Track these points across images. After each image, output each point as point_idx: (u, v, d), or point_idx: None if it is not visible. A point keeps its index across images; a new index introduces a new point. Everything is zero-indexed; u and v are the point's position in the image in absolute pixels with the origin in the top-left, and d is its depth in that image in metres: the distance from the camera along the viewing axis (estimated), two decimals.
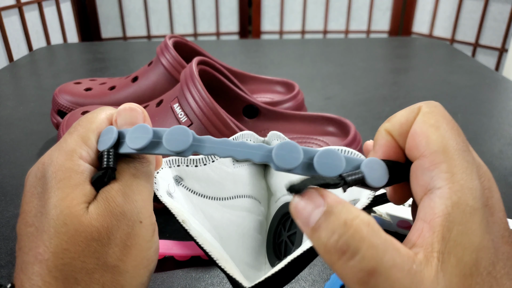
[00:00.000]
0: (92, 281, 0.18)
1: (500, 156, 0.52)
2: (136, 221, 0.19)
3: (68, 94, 0.52)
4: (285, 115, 0.49)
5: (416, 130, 0.18)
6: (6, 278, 0.33)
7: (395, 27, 2.11)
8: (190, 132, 0.19)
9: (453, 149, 0.16)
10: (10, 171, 0.48)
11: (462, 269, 0.15)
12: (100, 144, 0.21)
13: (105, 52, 1.02)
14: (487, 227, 0.16)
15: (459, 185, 0.16)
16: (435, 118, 0.18)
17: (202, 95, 0.38)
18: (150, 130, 0.20)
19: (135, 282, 0.19)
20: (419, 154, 0.17)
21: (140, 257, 0.20)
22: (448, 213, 0.15)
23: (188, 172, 0.28)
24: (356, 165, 0.18)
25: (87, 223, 0.18)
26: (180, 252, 0.33)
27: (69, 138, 0.20)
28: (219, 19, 2.07)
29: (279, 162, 0.18)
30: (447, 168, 0.16)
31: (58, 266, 0.18)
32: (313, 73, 0.86)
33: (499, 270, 0.15)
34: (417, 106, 0.19)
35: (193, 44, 0.57)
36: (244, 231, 0.30)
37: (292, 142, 0.18)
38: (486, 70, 0.88)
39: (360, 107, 0.68)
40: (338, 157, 0.18)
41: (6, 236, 0.37)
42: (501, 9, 1.70)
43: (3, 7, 1.26)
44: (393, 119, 0.19)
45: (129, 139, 0.20)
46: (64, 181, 0.19)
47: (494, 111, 0.67)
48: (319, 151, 0.18)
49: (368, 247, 0.14)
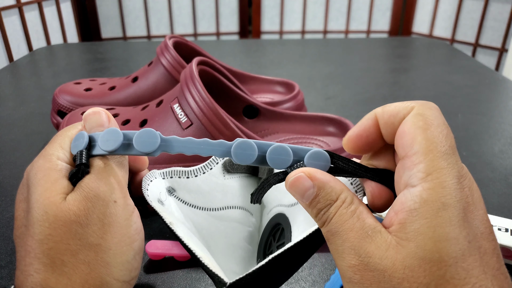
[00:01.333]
0: (78, 261, 0.20)
1: (500, 156, 0.52)
2: (110, 201, 0.21)
3: (68, 94, 0.52)
4: (285, 115, 0.49)
5: (404, 129, 0.19)
6: (6, 278, 0.33)
7: (395, 27, 2.11)
8: (157, 134, 0.21)
9: (435, 151, 0.18)
10: (10, 172, 0.48)
11: (422, 254, 0.16)
12: (73, 148, 0.23)
13: (105, 52, 1.02)
14: (462, 222, 0.17)
15: (432, 184, 0.17)
16: (424, 120, 0.18)
17: (202, 95, 0.38)
18: (120, 133, 0.22)
19: (119, 259, 0.21)
20: (404, 154, 0.19)
21: (120, 234, 0.21)
22: (415, 208, 0.17)
23: (180, 183, 0.29)
24: (302, 156, 0.21)
25: (65, 208, 0.20)
26: (180, 252, 0.33)
27: (48, 146, 0.23)
28: (219, 19, 2.07)
29: (237, 159, 0.21)
30: (424, 168, 0.17)
31: (44, 251, 0.19)
32: (313, 73, 0.86)
33: (471, 263, 0.16)
34: (411, 104, 0.19)
35: (193, 44, 0.57)
36: (233, 241, 0.30)
37: (247, 141, 0.21)
38: (486, 70, 0.88)
39: (360, 107, 0.68)
40: (287, 152, 0.21)
41: (6, 237, 0.37)
42: (501, 9, 1.70)
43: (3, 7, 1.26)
44: (386, 107, 0.20)
45: (101, 142, 0.22)
46: (44, 178, 0.21)
47: (494, 111, 0.67)
48: (270, 148, 0.21)
49: (336, 220, 0.19)
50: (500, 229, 0.34)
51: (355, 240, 0.18)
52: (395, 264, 0.16)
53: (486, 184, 0.46)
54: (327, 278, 0.33)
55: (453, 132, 0.19)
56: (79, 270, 0.20)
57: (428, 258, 0.16)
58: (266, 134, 0.49)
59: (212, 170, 0.31)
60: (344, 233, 0.18)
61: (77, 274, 0.20)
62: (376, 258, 0.17)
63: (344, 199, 0.19)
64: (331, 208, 0.19)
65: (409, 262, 0.16)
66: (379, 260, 0.17)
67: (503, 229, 0.34)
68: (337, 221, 0.19)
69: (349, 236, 0.18)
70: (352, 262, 0.18)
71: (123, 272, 0.21)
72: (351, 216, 0.18)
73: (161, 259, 0.34)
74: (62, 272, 0.19)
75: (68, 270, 0.19)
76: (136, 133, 0.21)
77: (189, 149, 0.21)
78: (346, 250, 0.18)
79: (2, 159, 0.50)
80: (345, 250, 0.18)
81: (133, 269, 0.22)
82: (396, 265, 0.16)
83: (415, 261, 0.16)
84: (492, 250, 0.17)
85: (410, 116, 0.19)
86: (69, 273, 0.19)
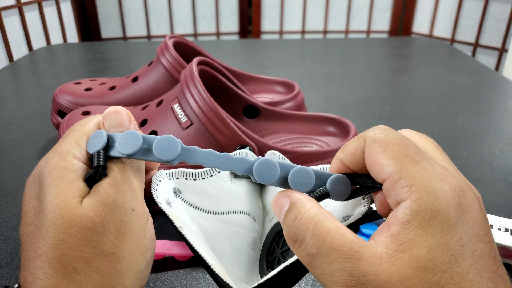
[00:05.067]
0: (90, 269, 0.19)
1: (500, 156, 0.52)
2: (128, 209, 0.21)
3: (68, 94, 0.52)
4: (285, 115, 0.49)
5: (369, 161, 0.20)
6: (6, 278, 0.33)
7: (395, 27, 2.11)
8: (178, 142, 0.21)
9: (405, 164, 0.18)
10: (10, 171, 0.48)
11: (417, 264, 0.16)
12: (89, 147, 0.22)
13: (105, 52, 1.02)
14: (454, 226, 0.17)
15: (419, 194, 0.17)
16: (379, 143, 0.19)
17: (202, 95, 0.38)
18: (140, 137, 0.21)
19: (132, 268, 0.20)
20: (382, 180, 0.19)
21: (135, 244, 0.21)
22: (408, 220, 0.17)
23: (187, 185, 0.28)
24: (324, 180, 0.21)
25: (81, 214, 0.19)
26: (180, 252, 0.33)
27: (63, 141, 0.22)
28: (219, 19, 2.07)
29: (258, 177, 0.21)
30: (405, 182, 0.18)
31: (57, 257, 0.19)
32: (313, 73, 0.86)
33: (466, 267, 0.16)
34: (362, 136, 0.20)
35: (193, 44, 0.57)
36: (238, 246, 0.30)
37: (270, 160, 0.20)
38: (486, 70, 0.88)
39: (360, 107, 0.68)
40: (309, 176, 0.20)
41: (6, 236, 0.37)
42: (501, 9, 1.70)
43: (3, 7, 1.26)
44: (345, 149, 0.21)
45: (119, 144, 0.21)
46: (59, 178, 0.20)
47: (494, 111, 0.67)
48: (293, 169, 0.20)
49: (311, 236, 0.18)
50: (500, 229, 0.34)
51: (343, 259, 0.17)
52: (391, 277, 0.16)
53: (486, 184, 0.46)
54: None
55: (453, 132, 0.19)
56: (91, 278, 0.19)
57: (423, 267, 0.16)
58: (266, 134, 0.49)
59: (220, 173, 0.30)
60: (327, 254, 0.17)
61: (88, 282, 0.19)
62: (371, 274, 0.16)
63: (316, 213, 0.19)
64: (302, 220, 0.18)
65: (405, 273, 0.16)
66: (375, 276, 0.16)
67: (503, 229, 0.34)
68: (314, 241, 0.18)
69: (335, 256, 0.17)
70: (348, 283, 0.17)
71: (134, 282, 0.21)
72: (329, 230, 0.18)
73: (161, 259, 0.34)
74: (74, 279, 0.19)
75: (79, 278, 0.19)
76: (156, 139, 0.21)
77: (209, 161, 0.21)
78: (336, 272, 0.17)
79: (2, 159, 0.50)
80: (335, 272, 0.17)
81: (143, 278, 0.22)
82: (392, 278, 0.16)
83: (410, 270, 0.16)
84: (488, 252, 0.17)
85: (367, 147, 0.20)
86: (81, 281, 0.19)
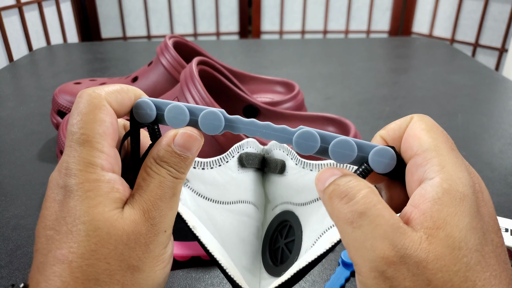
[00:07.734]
0: (113, 281, 0.19)
1: (500, 156, 0.52)
2: (162, 231, 0.21)
3: (68, 94, 0.52)
4: (285, 115, 0.49)
5: (409, 133, 0.20)
6: (6, 278, 0.33)
7: (395, 27, 2.11)
8: (221, 116, 0.21)
9: (442, 147, 0.19)
10: (10, 171, 0.48)
11: (451, 242, 0.16)
12: (140, 116, 0.22)
13: (105, 52, 1.02)
14: (477, 213, 0.17)
15: (449, 175, 0.18)
16: (426, 124, 0.20)
17: (202, 95, 0.38)
18: (187, 113, 0.22)
19: (151, 281, 0.20)
20: (413, 154, 0.19)
21: (157, 259, 0.21)
22: (439, 197, 0.17)
23: (195, 174, 0.29)
24: (367, 151, 0.20)
25: (120, 227, 0.19)
26: (180, 252, 0.33)
27: (85, 151, 0.20)
28: (219, 19, 2.07)
29: (298, 148, 0.21)
30: (438, 161, 0.18)
31: (82, 266, 0.18)
32: (313, 73, 0.86)
33: (488, 252, 0.17)
34: (409, 116, 0.21)
35: (193, 44, 0.57)
36: (244, 235, 0.30)
37: (311, 131, 0.20)
38: (486, 70, 0.88)
39: (360, 107, 0.68)
40: (351, 147, 0.20)
41: (6, 237, 0.37)
42: (501, 9, 1.70)
43: (3, 7, 1.26)
44: (388, 127, 0.21)
45: (167, 118, 0.22)
46: (93, 191, 0.19)
47: (494, 111, 0.67)
48: (334, 140, 0.20)
49: (363, 197, 0.18)
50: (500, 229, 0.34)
51: (390, 228, 0.17)
52: (429, 255, 0.16)
53: (486, 184, 0.46)
54: (327, 278, 0.34)
55: (453, 132, 0.20)
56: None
57: (457, 247, 0.16)
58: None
59: (228, 163, 0.30)
60: (375, 218, 0.17)
61: None
62: (412, 250, 0.16)
63: (370, 187, 0.18)
64: (356, 182, 0.18)
65: (441, 251, 0.16)
66: (415, 253, 0.16)
67: (503, 229, 0.34)
68: (364, 201, 0.17)
69: (381, 222, 0.17)
70: (387, 253, 0.16)
71: None
72: (380, 201, 0.17)
73: None
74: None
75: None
76: (201, 114, 0.21)
77: (251, 131, 0.22)
78: (378, 238, 0.17)
79: (2, 159, 0.50)
80: (376, 238, 0.17)
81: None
82: (430, 256, 0.16)
83: (445, 249, 0.16)
84: (501, 244, 0.18)
85: (412, 123, 0.20)
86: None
